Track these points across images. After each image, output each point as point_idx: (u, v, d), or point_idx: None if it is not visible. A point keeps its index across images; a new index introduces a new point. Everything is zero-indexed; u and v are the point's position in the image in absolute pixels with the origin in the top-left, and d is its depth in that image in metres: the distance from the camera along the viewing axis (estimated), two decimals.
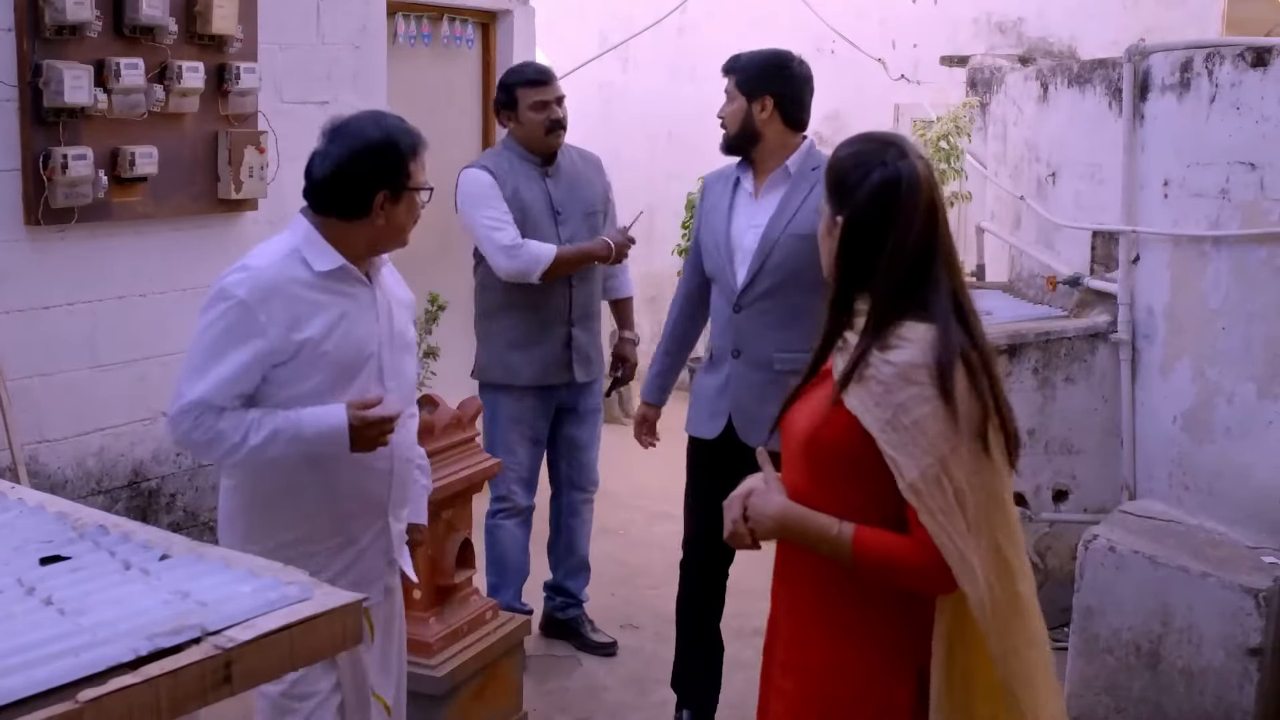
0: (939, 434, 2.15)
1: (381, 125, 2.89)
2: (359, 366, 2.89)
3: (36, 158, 4.35)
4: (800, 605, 2.38)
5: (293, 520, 2.91)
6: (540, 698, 4.45)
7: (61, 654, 1.51)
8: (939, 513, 2.13)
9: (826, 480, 2.29)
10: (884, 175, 2.28)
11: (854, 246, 2.31)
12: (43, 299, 4.52)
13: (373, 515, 2.99)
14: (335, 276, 2.87)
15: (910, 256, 2.26)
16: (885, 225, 2.27)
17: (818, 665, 2.33)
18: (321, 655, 1.71)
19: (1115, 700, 4.04)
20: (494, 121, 6.92)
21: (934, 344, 2.20)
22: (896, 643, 2.28)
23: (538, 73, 4.76)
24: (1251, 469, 4.23)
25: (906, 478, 2.15)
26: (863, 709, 2.28)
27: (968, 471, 2.15)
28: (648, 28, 9.11)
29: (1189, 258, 4.50)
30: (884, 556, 2.20)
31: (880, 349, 2.22)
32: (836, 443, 2.26)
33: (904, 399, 2.16)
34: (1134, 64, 4.71)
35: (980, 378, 2.21)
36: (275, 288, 2.80)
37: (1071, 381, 4.91)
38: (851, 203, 2.31)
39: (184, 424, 2.81)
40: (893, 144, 2.35)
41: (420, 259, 6.42)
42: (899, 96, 8.44)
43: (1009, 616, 2.18)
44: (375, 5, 5.85)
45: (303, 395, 2.83)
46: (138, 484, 4.92)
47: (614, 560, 5.81)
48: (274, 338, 2.79)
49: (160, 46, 4.68)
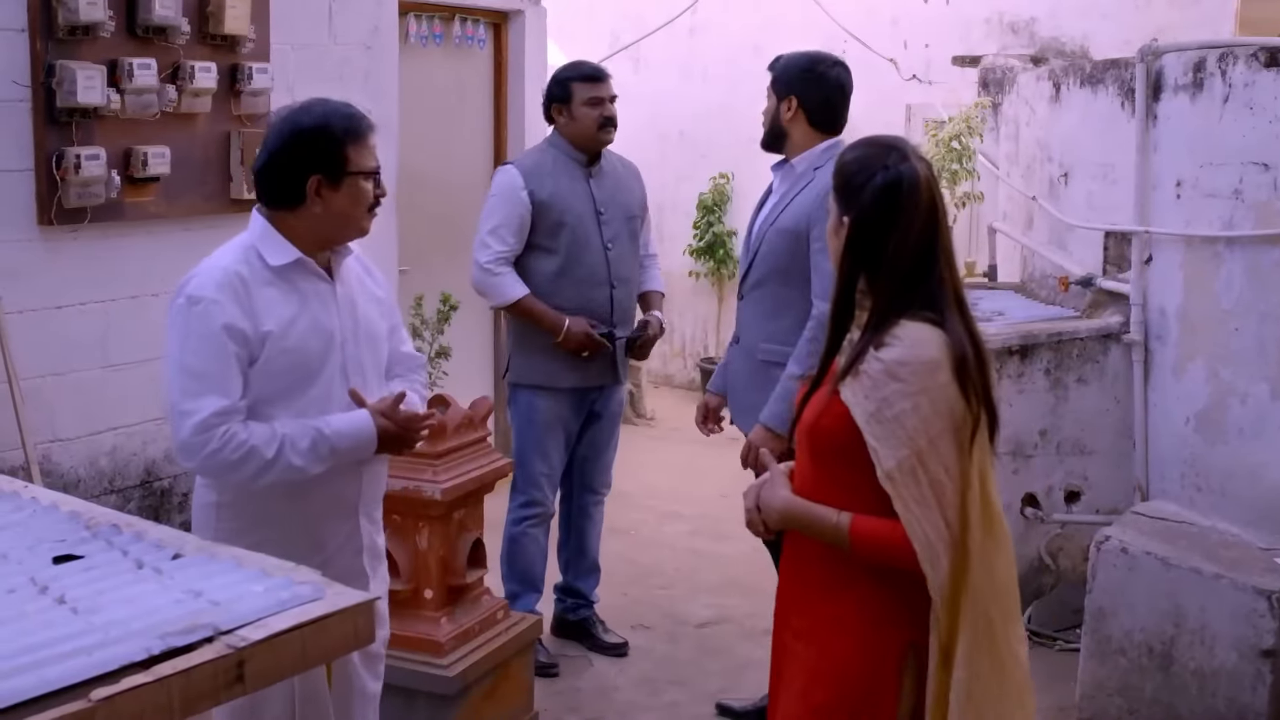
0: (917, 428, 2.30)
1: (314, 111, 2.83)
2: (321, 362, 2.83)
3: (49, 158, 4.36)
4: (808, 579, 2.54)
5: (262, 522, 2.82)
6: (551, 698, 4.45)
7: (74, 653, 1.51)
8: (912, 501, 2.30)
9: (828, 465, 2.46)
10: (886, 178, 2.43)
11: (859, 246, 2.45)
12: (55, 299, 4.53)
13: (343, 517, 2.94)
14: (292, 270, 2.82)
15: (912, 255, 2.41)
16: (888, 225, 2.42)
17: (822, 633, 2.48)
18: (333, 655, 1.71)
19: (1128, 702, 4.03)
20: (505, 121, 6.95)
21: (929, 341, 2.35)
22: (888, 617, 2.42)
23: (594, 69, 4.73)
24: (1265, 470, 4.22)
25: (884, 467, 2.31)
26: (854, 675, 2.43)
27: (946, 464, 2.31)
28: (659, 28, 9.11)
29: (1202, 258, 4.49)
30: (876, 542, 2.37)
31: (875, 346, 2.37)
32: (834, 431, 2.41)
33: (888, 393, 2.32)
34: (1147, 64, 4.70)
35: (973, 376, 2.35)
36: (230, 284, 2.75)
37: (1084, 382, 4.89)
38: (857, 204, 2.46)
39: (209, 443, 2.69)
40: (895, 148, 2.49)
41: (431, 259, 6.44)
42: (911, 97, 8.42)
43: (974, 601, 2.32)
44: (387, 5, 5.86)
45: (271, 396, 2.78)
46: (150, 483, 4.93)
47: (625, 560, 5.81)
48: (248, 329, 2.73)
49: (173, 47, 4.69)
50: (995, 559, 2.35)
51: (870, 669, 2.41)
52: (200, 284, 2.76)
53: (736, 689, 4.56)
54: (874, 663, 2.41)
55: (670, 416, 8.55)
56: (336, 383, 2.87)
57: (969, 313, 2.45)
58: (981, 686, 2.32)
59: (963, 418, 2.33)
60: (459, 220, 6.71)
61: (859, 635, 2.43)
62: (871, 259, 2.43)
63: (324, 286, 2.88)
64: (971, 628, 2.32)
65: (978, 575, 2.32)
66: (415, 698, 3.75)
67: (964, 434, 2.33)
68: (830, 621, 2.46)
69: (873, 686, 2.41)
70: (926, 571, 2.30)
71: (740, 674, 4.70)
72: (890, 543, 2.33)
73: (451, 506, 3.82)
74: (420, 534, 3.81)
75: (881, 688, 2.40)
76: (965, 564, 2.31)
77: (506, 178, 4.62)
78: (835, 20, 8.54)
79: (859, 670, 2.42)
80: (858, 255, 2.45)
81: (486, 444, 4.12)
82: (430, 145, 6.53)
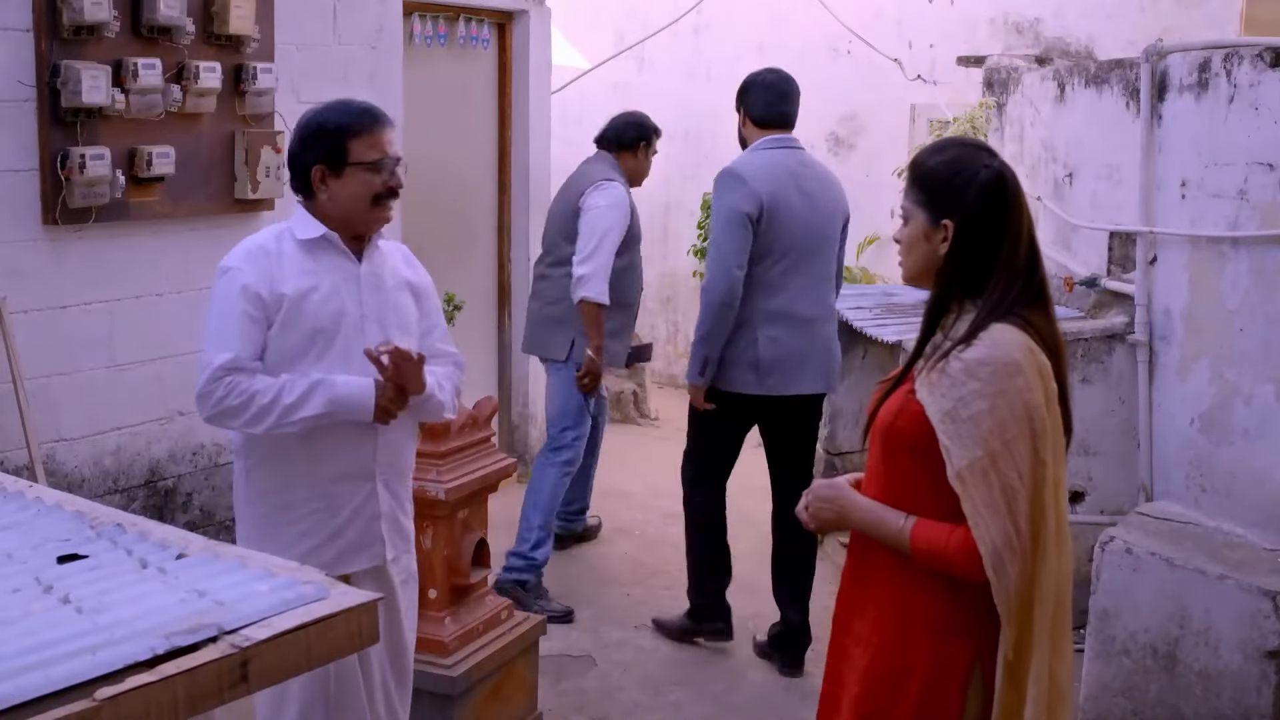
0: (991, 430, 2.22)
1: (327, 107, 3.08)
2: (334, 332, 3.01)
3: (54, 157, 4.37)
4: (871, 584, 2.46)
5: (286, 485, 3.04)
6: (555, 698, 4.45)
7: (79, 652, 1.51)
8: (981, 504, 2.22)
9: (900, 467, 2.39)
10: (990, 176, 2.35)
11: (968, 249, 2.35)
12: (60, 298, 4.54)
13: (359, 479, 3.08)
14: (318, 245, 3.05)
15: (1025, 254, 2.34)
16: (1001, 226, 2.34)
17: (884, 640, 2.41)
18: (338, 654, 1.71)
19: (1132, 703, 4.03)
20: (509, 121, 6.95)
21: (1011, 343, 2.27)
22: (955, 627, 2.34)
23: (656, 129, 5.74)
24: (1270, 471, 4.21)
25: (955, 466, 2.24)
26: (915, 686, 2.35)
27: (1020, 469, 2.23)
28: (664, 28, 9.11)
29: (1207, 259, 4.48)
30: (934, 547, 2.29)
31: (962, 346, 2.30)
32: (908, 431, 2.34)
33: (965, 393, 2.25)
34: (1152, 64, 4.69)
35: (1050, 381, 2.30)
36: (254, 254, 3.01)
37: (1088, 382, 4.89)
38: (960, 206, 2.34)
39: (216, 391, 2.93)
40: (983, 147, 2.43)
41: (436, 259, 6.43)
42: (915, 97, 8.42)
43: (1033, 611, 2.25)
44: (392, 5, 5.86)
45: (289, 360, 2.98)
46: (154, 483, 4.93)
47: (629, 560, 5.81)
48: (263, 292, 2.96)
49: (178, 47, 4.69)
50: (1059, 566, 2.29)
51: (933, 680, 2.33)
52: (231, 256, 3.04)
53: (739, 689, 4.56)
54: (938, 674, 2.33)
55: (674, 417, 8.53)
56: (355, 357, 3.00)
57: (1054, 315, 2.38)
58: (1054, 702, 2.28)
59: (1041, 423, 2.25)
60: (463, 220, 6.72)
61: (923, 644, 2.35)
62: (982, 261, 2.34)
63: (349, 264, 3.08)
64: (1039, 643, 2.26)
65: (1046, 588, 2.25)
66: (419, 697, 3.74)
67: (1041, 440, 2.25)
68: (894, 629, 2.39)
69: (933, 698, 2.33)
70: (990, 578, 2.22)
71: (743, 673, 4.70)
72: (950, 548, 2.27)
73: (456, 506, 3.83)
74: (425, 534, 3.81)
75: (944, 701, 2.33)
76: (1036, 575, 2.23)
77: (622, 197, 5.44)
78: (840, 20, 8.54)
79: (921, 681, 2.34)
80: (966, 258, 2.35)
81: (491, 444, 4.12)
82: (435, 145, 6.52)
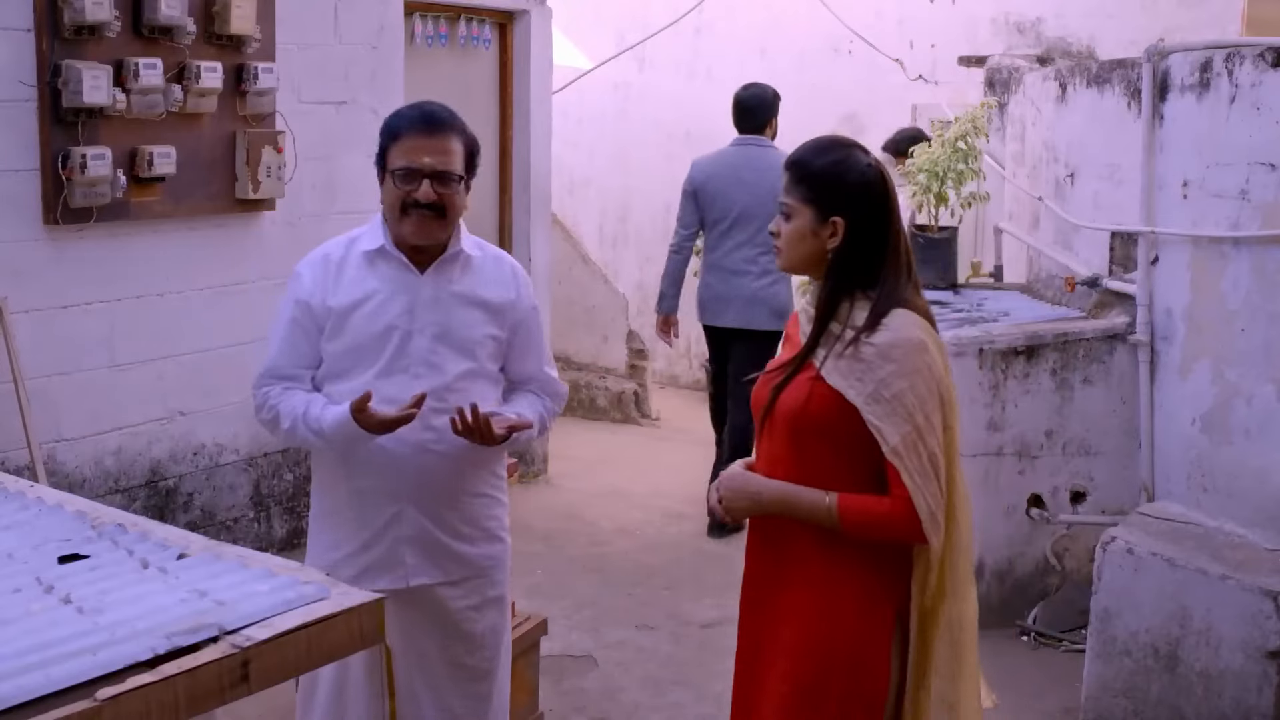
0: (914, 405, 2.42)
1: (403, 106, 3.02)
2: (383, 345, 2.90)
3: (55, 157, 4.37)
4: (788, 562, 2.59)
5: (326, 489, 3.02)
6: (556, 698, 4.45)
7: (79, 652, 1.51)
8: (916, 474, 2.41)
9: (810, 448, 2.52)
10: (872, 175, 2.53)
11: (859, 244, 2.51)
12: (61, 298, 4.54)
13: (387, 498, 2.93)
14: (377, 256, 2.95)
15: (906, 248, 2.54)
16: (885, 220, 2.51)
17: (808, 613, 2.53)
18: (339, 654, 1.71)
19: (1133, 703, 4.02)
20: (510, 121, 6.93)
21: (912, 324, 2.46)
22: (878, 593, 2.51)
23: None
24: (1271, 471, 4.21)
25: (889, 443, 2.42)
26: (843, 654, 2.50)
27: (938, 439, 2.44)
28: (665, 28, 9.10)
29: (1208, 258, 4.48)
30: (869, 518, 2.46)
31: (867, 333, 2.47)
32: (820, 415, 2.49)
33: (884, 375, 2.42)
34: (1153, 64, 4.69)
35: (945, 355, 2.52)
36: (318, 262, 2.97)
37: (1090, 383, 4.89)
38: (848, 204, 2.50)
39: (256, 399, 2.97)
40: (855, 144, 2.58)
41: None
42: (916, 97, 8.41)
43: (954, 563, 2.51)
44: (393, 5, 5.86)
45: (333, 366, 2.94)
46: (155, 483, 4.93)
47: (630, 560, 5.80)
48: (314, 302, 2.92)
49: (179, 47, 4.69)
50: (964, 521, 2.51)
51: (861, 647, 2.49)
52: (304, 260, 3.02)
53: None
54: (865, 640, 2.49)
55: (675, 417, 8.54)
56: (396, 372, 2.90)
57: (923, 295, 2.59)
58: (965, 636, 2.51)
59: (947, 393, 2.47)
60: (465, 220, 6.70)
61: (850, 613, 2.50)
62: (873, 254, 2.50)
63: (408, 277, 2.94)
64: (954, 585, 2.50)
65: (961, 539, 2.50)
66: None
67: (950, 410, 2.48)
68: (820, 604, 2.52)
69: (862, 661, 2.49)
70: (930, 539, 2.43)
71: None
72: (884, 516, 2.44)
73: None
74: None
75: (873, 662, 2.50)
76: (953, 527, 2.48)
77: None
78: (841, 20, 8.53)
79: (850, 650, 2.49)
80: (858, 252, 2.50)
81: None
82: None
